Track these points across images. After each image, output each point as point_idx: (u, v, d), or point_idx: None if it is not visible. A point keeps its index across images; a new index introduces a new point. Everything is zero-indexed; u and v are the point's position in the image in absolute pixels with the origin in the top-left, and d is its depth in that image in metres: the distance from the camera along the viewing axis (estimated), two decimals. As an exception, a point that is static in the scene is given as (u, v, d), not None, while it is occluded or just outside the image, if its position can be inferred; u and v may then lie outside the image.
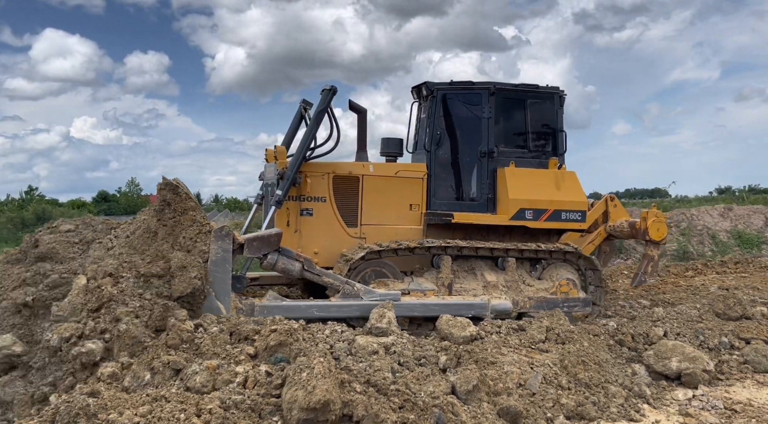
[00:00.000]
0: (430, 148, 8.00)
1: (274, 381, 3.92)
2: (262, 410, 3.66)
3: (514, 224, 7.86)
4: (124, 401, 3.57)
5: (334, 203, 7.57)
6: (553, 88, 8.35)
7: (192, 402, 3.59)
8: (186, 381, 3.97)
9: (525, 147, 8.26)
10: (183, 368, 4.12)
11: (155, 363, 4.16)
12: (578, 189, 8.17)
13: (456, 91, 8.13)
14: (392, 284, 7.22)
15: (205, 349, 4.41)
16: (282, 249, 6.41)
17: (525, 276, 7.86)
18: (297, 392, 3.53)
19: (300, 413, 3.46)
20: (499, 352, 5.55)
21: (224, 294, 5.73)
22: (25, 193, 32.05)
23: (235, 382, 3.96)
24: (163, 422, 3.34)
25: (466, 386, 4.48)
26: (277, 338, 4.43)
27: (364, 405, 3.62)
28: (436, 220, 7.82)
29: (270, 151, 7.81)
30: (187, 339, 4.50)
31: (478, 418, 4.23)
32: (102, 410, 3.45)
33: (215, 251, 5.76)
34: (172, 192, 6.33)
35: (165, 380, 4.07)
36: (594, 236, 8.96)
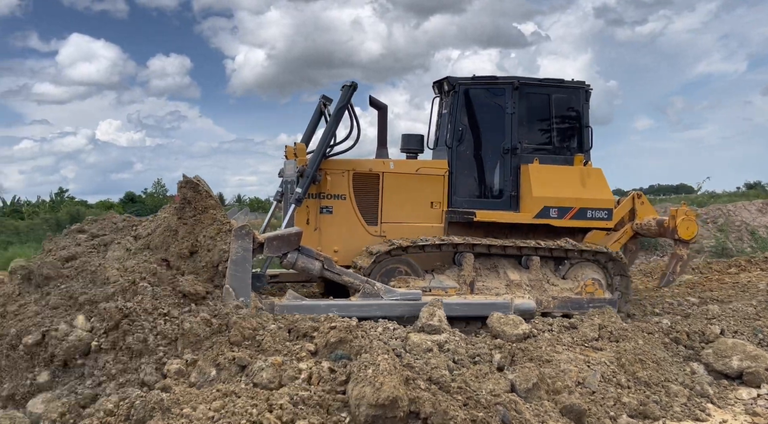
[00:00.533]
0: (452, 145, 7.85)
1: (338, 378, 3.95)
2: (330, 406, 3.69)
3: (538, 222, 7.69)
4: (196, 396, 3.65)
5: (354, 201, 7.47)
6: (579, 83, 8.13)
7: (262, 397, 3.64)
8: (252, 377, 4.01)
9: (549, 143, 8.07)
10: (248, 365, 4.16)
11: (220, 359, 4.21)
12: (604, 186, 7.96)
13: (478, 86, 7.95)
14: (413, 281, 7.10)
15: (266, 346, 4.46)
16: (302, 248, 6.33)
17: (549, 275, 7.67)
18: (364, 389, 3.54)
19: (368, 409, 3.46)
20: (554, 350, 5.54)
21: (244, 293, 5.67)
22: (56, 194, 33.05)
23: (300, 378, 4.00)
24: (236, 417, 3.38)
25: (525, 385, 4.46)
26: (337, 335, 4.45)
27: (431, 402, 3.61)
28: (458, 218, 7.68)
29: (290, 148, 7.74)
30: (249, 336, 4.56)
31: (541, 416, 4.19)
32: (175, 405, 3.52)
33: (235, 250, 5.70)
34: (192, 190, 6.29)
35: (231, 376, 4.12)
36: (620, 234, 8.71)
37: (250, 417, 3.37)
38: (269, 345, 4.47)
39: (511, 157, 7.85)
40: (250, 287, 5.77)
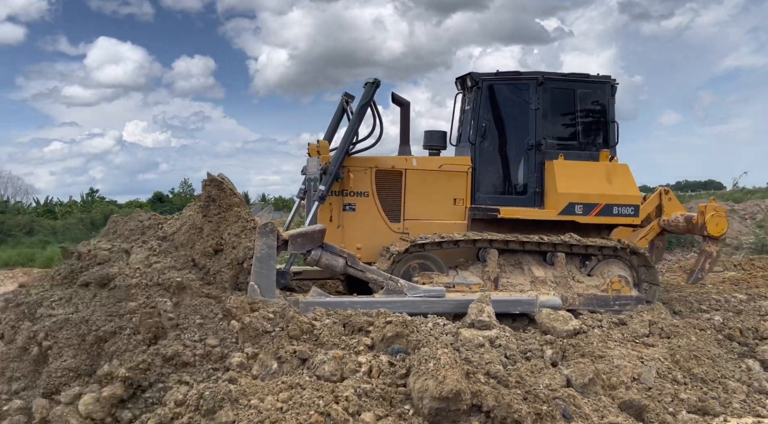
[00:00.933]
0: (475, 141, 7.79)
1: (398, 371, 4.00)
2: (393, 398, 3.76)
3: (563, 218, 7.60)
4: (262, 388, 3.76)
5: (376, 198, 7.46)
6: (605, 77, 8.01)
7: (327, 389, 3.73)
8: (314, 370, 4.10)
9: (574, 139, 7.96)
10: (309, 358, 4.25)
11: (281, 353, 4.30)
12: (631, 182, 7.83)
13: (502, 82, 7.88)
14: (437, 277, 7.07)
15: (324, 339, 4.55)
16: (325, 245, 6.34)
17: (574, 272, 7.58)
18: (427, 382, 3.60)
19: (431, 402, 3.53)
20: (605, 346, 5.57)
21: (269, 290, 5.71)
22: (87, 195, 34.08)
23: (361, 371, 4.07)
24: (304, 408, 3.48)
25: (581, 380, 4.48)
26: (394, 329, 4.51)
27: (493, 396, 3.65)
28: (482, 214, 7.63)
29: (312, 146, 7.75)
30: (307, 330, 4.66)
31: (600, 411, 4.19)
32: (242, 396, 3.63)
33: (260, 247, 5.73)
34: (216, 188, 6.34)
35: (293, 368, 4.22)
36: (647, 230, 8.55)
37: (318, 408, 3.47)
38: (327, 339, 4.56)
39: (536, 153, 7.76)
40: (275, 284, 5.81)
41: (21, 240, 20.98)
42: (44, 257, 17.90)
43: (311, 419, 3.36)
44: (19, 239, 21.14)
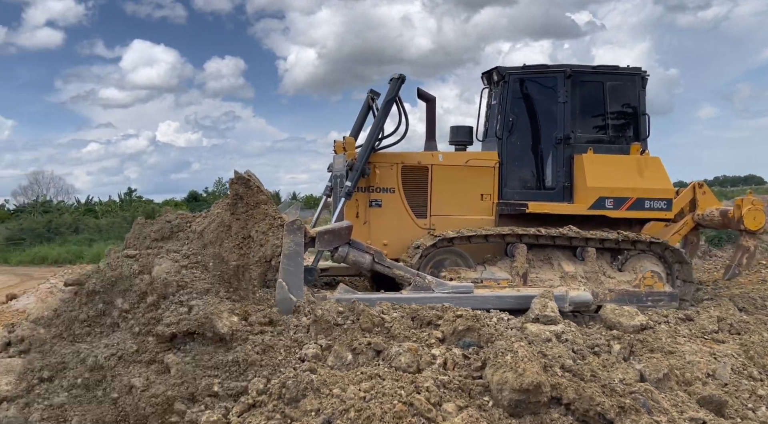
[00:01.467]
0: (502, 136, 7.71)
1: (474, 363, 4.06)
2: (471, 390, 3.80)
3: (593, 213, 7.46)
4: (341, 378, 3.86)
5: (403, 194, 7.43)
6: (635, 69, 7.84)
7: (407, 380, 3.80)
8: (390, 361, 4.16)
9: (604, 132, 7.81)
10: (384, 350, 4.32)
11: (355, 344, 4.38)
12: (663, 175, 7.65)
13: (529, 76, 7.78)
14: (464, 272, 7.01)
15: (396, 332, 4.61)
16: (352, 242, 6.34)
17: (605, 267, 7.43)
18: (506, 374, 3.64)
19: (511, 394, 3.57)
20: (675, 342, 5.53)
21: (297, 287, 5.69)
22: (125, 194, 35.13)
23: (436, 363, 4.13)
24: (387, 397, 3.55)
25: (655, 375, 4.44)
26: (465, 323, 4.55)
27: (573, 388, 3.65)
28: (509, 210, 7.53)
29: (338, 143, 7.77)
30: (378, 323, 4.73)
31: (678, 406, 4.15)
32: (323, 386, 3.73)
33: (288, 244, 5.73)
34: (244, 186, 6.39)
35: (369, 360, 4.28)
36: (680, 225, 8.34)
37: (400, 398, 3.54)
38: (398, 332, 4.61)
39: (564, 147, 7.64)
40: (303, 280, 5.82)
41: (68, 238, 21.70)
42: (92, 254, 18.45)
43: (395, 409, 3.44)
44: (65, 237, 21.87)
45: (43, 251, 19.75)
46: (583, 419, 3.56)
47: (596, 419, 3.52)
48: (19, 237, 21.83)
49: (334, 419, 3.46)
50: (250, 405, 3.84)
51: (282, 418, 3.58)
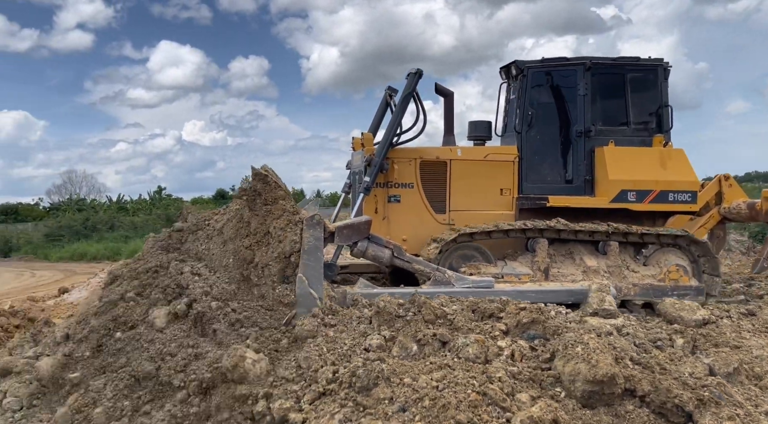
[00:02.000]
0: (521, 130, 7.63)
1: (542, 355, 4.08)
2: (543, 381, 3.84)
3: (615, 206, 7.33)
4: (411, 368, 3.95)
5: (421, 189, 7.38)
6: (657, 60, 7.70)
7: (478, 370, 3.86)
8: (458, 352, 4.21)
9: (625, 124, 7.68)
10: (449, 341, 4.38)
11: (420, 336, 4.45)
12: (687, 167, 7.49)
13: (548, 69, 7.69)
14: (484, 268, 6.93)
15: (459, 324, 4.65)
16: (372, 236, 6.30)
17: (629, 261, 7.29)
18: (579, 366, 3.66)
19: (585, 385, 3.59)
20: (740, 336, 5.47)
21: (317, 282, 5.66)
22: (155, 193, 36.07)
23: (504, 355, 4.17)
24: (460, 387, 3.61)
25: (725, 369, 4.39)
26: (529, 315, 4.58)
27: (648, 380, 3.66)
28: (530, 204, 7.44)
29: (357, 140, 7.76)
30: (441, 315, 4.78)
31: (753, 400, 4.09)
32: (393, 375, 3.81)
33: (307, 239, 5.68)
34: (261, 182, 6.40)
35: (435, 350, 4.33)
36: (706, 219, 8.15)
37: (474, 388, 3.59)
38: (462, 324, 4.65)
39: (585, 141, 7.53)
40: (323, 275, 5.79)
41: (104, 235, 22.24)
42: (129, 250, 18.83)
43: (470, 398, 3.48)
44: (102, 234, 22.42)
45: (81, 247, 20.31)
46: (659, 411, 3.54)
47: (674, 411, 3.49)
48: (58, 234, 22.44)
49: (408, 406, 3.55)
50: (321, 393, 3.92)
51: (354, 406, 3.67)
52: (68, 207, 32.22)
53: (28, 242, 22.35)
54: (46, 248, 21.29)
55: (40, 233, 23.38)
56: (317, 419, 3.67)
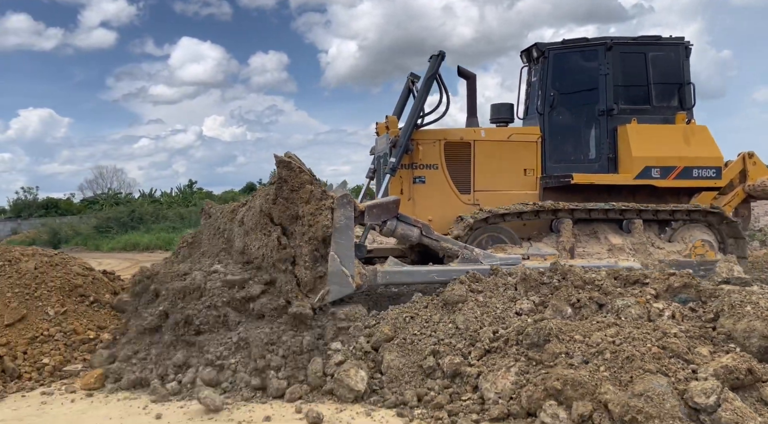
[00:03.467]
0: (543, 111, 7.68)
1: (704, 316, 4.36)
2: (714, 338, 4.07)
3: (640, 183, 7.34)
4: (576, 327, 4.24)
5: (446, 170, 7.45)
6: (678, 39, 7.71)
7: (649, 328, 4.09)
8: (618, 313, 4.50)
9: (647, 103, 7.69)
10: (606, 303, 4.72)
11: (574, 299, 4.79)
12: (711, 143, 7.48)
13: (569, 50, 7.73)
14: (510, 249, 6.98)
15: (609, 289, 4.90)
16: (400, 215, 6.37)
17: (654, 238, 7.30)
18: (754, 323, 3.93)
19: (761, 341, 3.86)
20: None
21: (348, 260, 5.66)
22: (186, 187, 36.77)
23: (665, 315, 4.43)
24: (638, 342, 3.86)
25: None
26: (680, 280, 4.86)
27: None
28: (554, 182, 7.48)
29: (381, 124, 7.86)
30: (589, 281, 5.06)
31: None
32: (561, 333, 4.13)
33: (338, 218, 5.69)
34: (286, 168, 6.47)
35: (593, 312, 4.66)
36: (730, 197, 8.14)
37: (653, 342, 3.84)
38: (611, 289, 4.90)
39: (608, 119, 7.55)
40: (354, 255, 5.84)
41: (151, 226, 22.80)
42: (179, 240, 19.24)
43: (651, 351, 3.74)
44: (148, 226, 22.99)
45: (133, 238, 20.80)
46: None
47: None
48: (107, 226, 22.76)
49: (590, 359, 3.86)
50: (486, 350, 4.37)
51: (527, 360, 4.07)
52: (105, 201, 32.98)
53: (78, 233, 22.89)
54: (96, 239, 21.73)
55: (88, 225, 23.98)
56: (492, 372, 4.08)
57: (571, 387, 3.63)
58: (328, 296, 5.35)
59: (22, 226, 29.77)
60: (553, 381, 3.68)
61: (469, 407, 4.01)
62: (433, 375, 4.38)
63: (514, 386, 3.94)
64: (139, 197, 33.95)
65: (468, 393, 4.15)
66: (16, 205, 34.15)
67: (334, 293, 5.37)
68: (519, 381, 3.96)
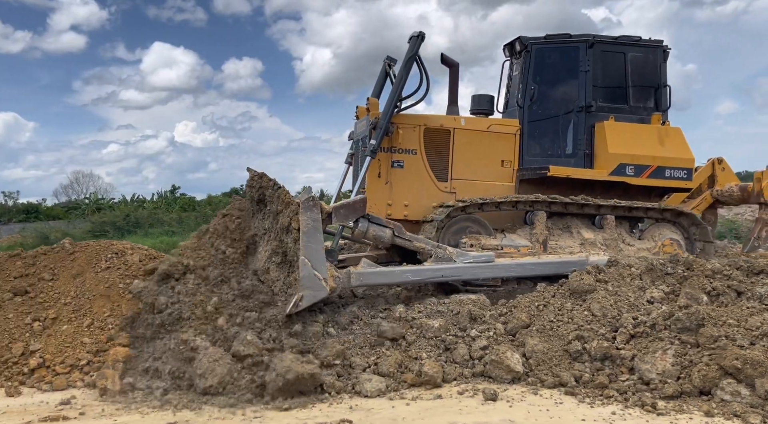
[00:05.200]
0: (523, 104, 7.68)
1: None
2: None
3: (614, 179, 7.39)
4: (724, 313, 4.57)
5: (424, 156, 7.34)
6: (657, 42, 7.81)
7: None
8: (762, 299, 4.85)
9: (625, 102, 7.77)
10: (744, 291, 5.04)
11: (708, 288, 5.11)
12: (684, 145, 7.59)
13: (551, 45, 7.76)
14: (484, 239, 6.92)
15: (739, 278, 5.21)
16: (371, 217, 6.15)
17: (624, 235, 7.36)
18: None
19: None
20: None
21: (320, 263, 5.42)
22: (169, 192, 36.00)
23: None
24: None
25: None
26: None
27: None
28: (530, 174, 7.48)
29: (361, 108, 7.73)
30: (717, 270, 5.34)
31: None
32: (712, 318, 4.49)
33: (305, 221, 5.37)
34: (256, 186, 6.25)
35: (732, 300, 4.96)
36: (698, 201, 8.28)
37: None
38: (741, 278, 5.21)
39: (585, 116, 7.60)
40: (324, 257, 5.49)
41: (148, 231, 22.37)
42: None
43: None
44: (146, 230, 22.52)
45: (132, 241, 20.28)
46: None
47: None
48: (103, 230, 22.31)
49: (756, 341, 4.23)
50: (631, 335, 4.70)
51: (681, 343, 4.43)
52: (87, 206, 32.29)
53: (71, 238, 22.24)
54: None
55: (82, 229, 23.21)
56: (649, 355, 4.41)
57: (750, 366, 3.95)
58: (302, 301, 5.15)
59: (1, 231, 28.60)
60: (731, 360, 4.00)
61: (635, 386, 4.28)
62: (581, 359, 4.68)
63: (676, 368, 4.28)
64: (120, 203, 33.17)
65: (625, 374, 4.46)
66: (-4, 210, 33.08)
67: (308, 298, 5.18)
68: (680, 362, 4.30)
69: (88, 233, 22.19)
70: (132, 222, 23.34)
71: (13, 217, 31.88)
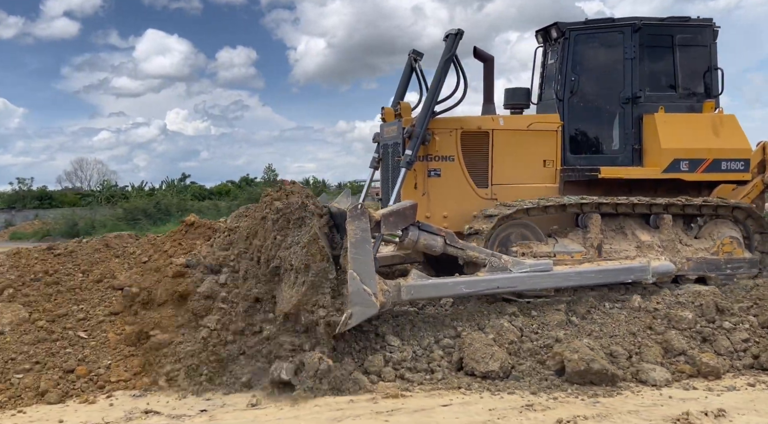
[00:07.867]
0: (563, 97, 7.02)
1: None
2: None
3: (668, 176, 6.81)
4: None
5: (462, 162, 6.69)
6: (706, 21, 7.12)
7: None
8: None
9: (674, 90, 7.11)
10: None
11: None
12: (740, 134, 6.98)
13: (592, 31, 7.05)
14: (536, 246, 6.36)
15: None
16: (422, 224, 5.63)
17: (681, 235, 6.81)
18: None
19: None
20: None
21: (368, 276, 4.99)
22: (179, 180, 36.25)
23: None
24: None
25: None
26: None
27: None
28: (578, 176, 6.87)
29: (388, 110, 7.07)
30: None
31: None
32: None
33: (353, 231, 4.93)
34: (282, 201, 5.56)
35: None
36: (749, 188, 7.67)
37: None
38: None
39: (632, 107, 6.95)
40: (374, 270, 5.09)
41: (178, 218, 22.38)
42: None
43: None
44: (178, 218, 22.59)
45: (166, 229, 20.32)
46: None
47: None
48: (135, 217, 22.60)
49: None
50: None
51: None
52: (100, 194, 32.60)
53: (102, 225, 22.13)
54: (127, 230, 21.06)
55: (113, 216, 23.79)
56: None
57: None
58: (351, 319, 4.75)
59: (15, 217, 28.80)
60: None
61: None
62: None
63: None
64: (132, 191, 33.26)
65: None
66: (11, 197, 33.27)
67: (358, 315, 4.77)
68: None
69: (121, 220, 22.69)
70: (162, 209, 23.43)
71: (27, 203, 32.08)
